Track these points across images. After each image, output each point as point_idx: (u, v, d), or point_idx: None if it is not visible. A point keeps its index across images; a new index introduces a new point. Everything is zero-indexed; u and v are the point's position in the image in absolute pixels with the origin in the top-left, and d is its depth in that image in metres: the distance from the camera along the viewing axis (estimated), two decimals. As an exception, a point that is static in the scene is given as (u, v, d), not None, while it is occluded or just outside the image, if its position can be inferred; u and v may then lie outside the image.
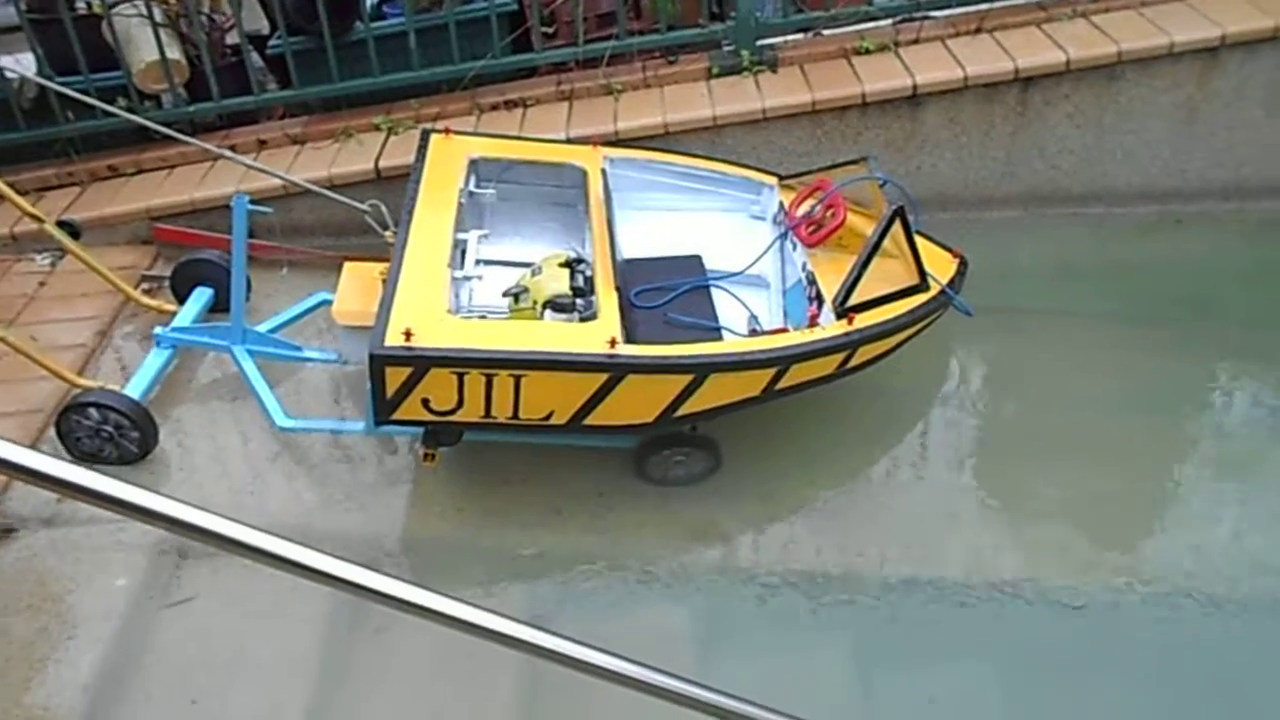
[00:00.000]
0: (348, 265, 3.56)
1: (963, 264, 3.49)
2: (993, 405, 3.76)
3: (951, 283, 3.37)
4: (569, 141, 4.16)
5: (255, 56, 4.61)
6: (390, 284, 2.93)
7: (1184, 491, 3.44)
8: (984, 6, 4.44)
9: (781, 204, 3.63)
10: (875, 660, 2.96)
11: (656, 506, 3.29)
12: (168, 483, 3.36)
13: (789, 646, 2.98)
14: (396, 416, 2.85)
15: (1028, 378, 3.90)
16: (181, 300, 3.89)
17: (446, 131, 3.73)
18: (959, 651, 2.97)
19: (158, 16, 4.29)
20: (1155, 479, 3.47)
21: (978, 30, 4.42)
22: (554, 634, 1.65)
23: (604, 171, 3.59)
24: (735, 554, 3.21)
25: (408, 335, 2.71)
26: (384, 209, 3.57)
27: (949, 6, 4.47)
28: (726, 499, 3.31)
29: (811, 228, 3.38)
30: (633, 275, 3.36)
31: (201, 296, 3.88)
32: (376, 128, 4.50)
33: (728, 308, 3.42)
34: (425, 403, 2.82)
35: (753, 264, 3.55)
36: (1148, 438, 3.61)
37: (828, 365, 3.06)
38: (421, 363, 2.72)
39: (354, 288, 3.45)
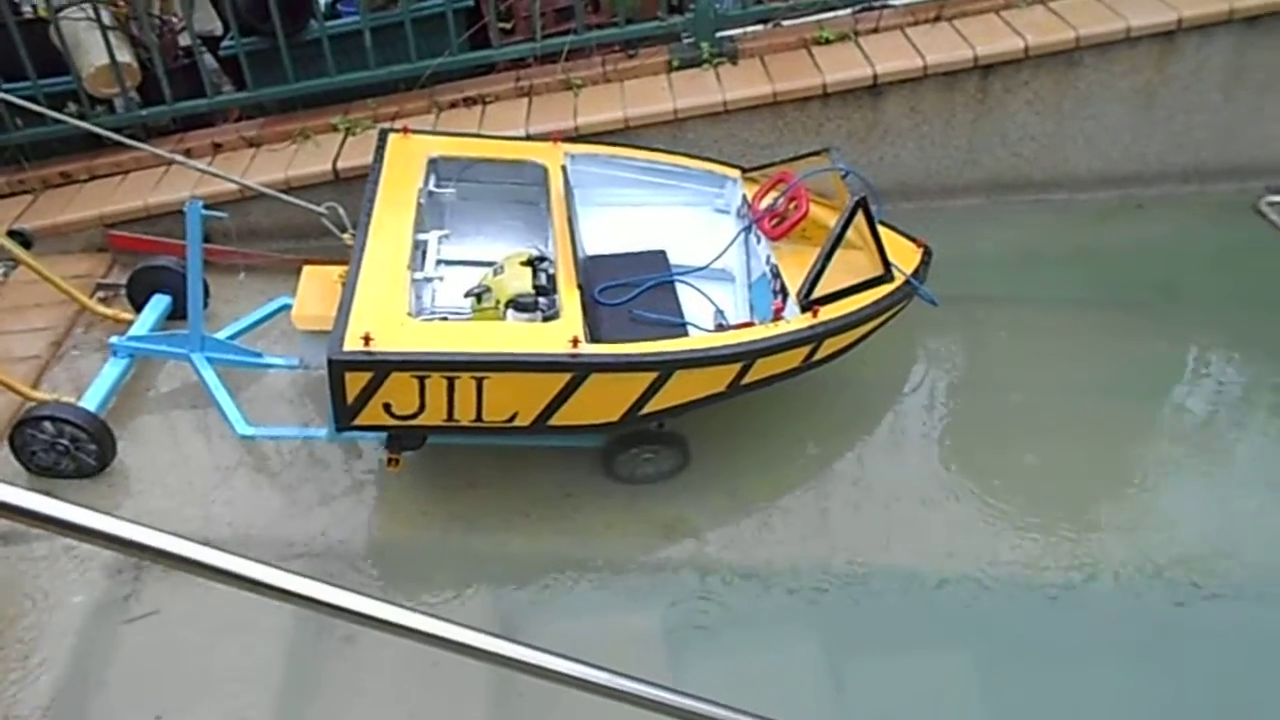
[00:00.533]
0: (307, 269, 3.51)
1: (927, 253, 3.49)
2: (961, 393, 3.77)
3: (916, 273, 3.37)
4: (529, 138, 4.12)
5: (209, 58, 4.54)
6: (349, 287, 2.88)
7: (1155, 473, 3.45)
8: (943, -6, 4.44)
9: (745, 197, 3.62)
10: (849, 652, 2.94)
11: (625, 505, 3.27)
12: (127, 495, 3.30)
13: (762, 642, 2.97)
14: (358, 422, 2.81)
15: (995, 365, 3.91)
16: (138, 308, 3.82)
17: (405, 131, 3.68)
18: (933, 640, 2.96)
19: (106, 19, 4.21)
20: (1125, 462, 3.48)
21: (937, 18, 4.42)
22: (521, 644, 1.63)
23: (564, 168, 3.55)
24: (705, 551, 3.18)
25: (366, 340, 2.67)
26: (341, 211, 3.52)
27: (908, -5, 4.47)
28: (695, 495, 3.30)
29: (775, 220, 3.36)
30: (596, 272, 3.33)
31: (159, 304, 3.80)
32: (334, 128, 4.44)
33: (693, 303, 3.40)
34: (387, 407, 2.78)
35: (717, 258, 3.53)
36: (1117, 420, 3.63)
37: (794, 359, 3.05)
38: (381, 367, 2.68)
39: (313, 292, 3.40)
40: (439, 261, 3.36)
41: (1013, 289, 4.27)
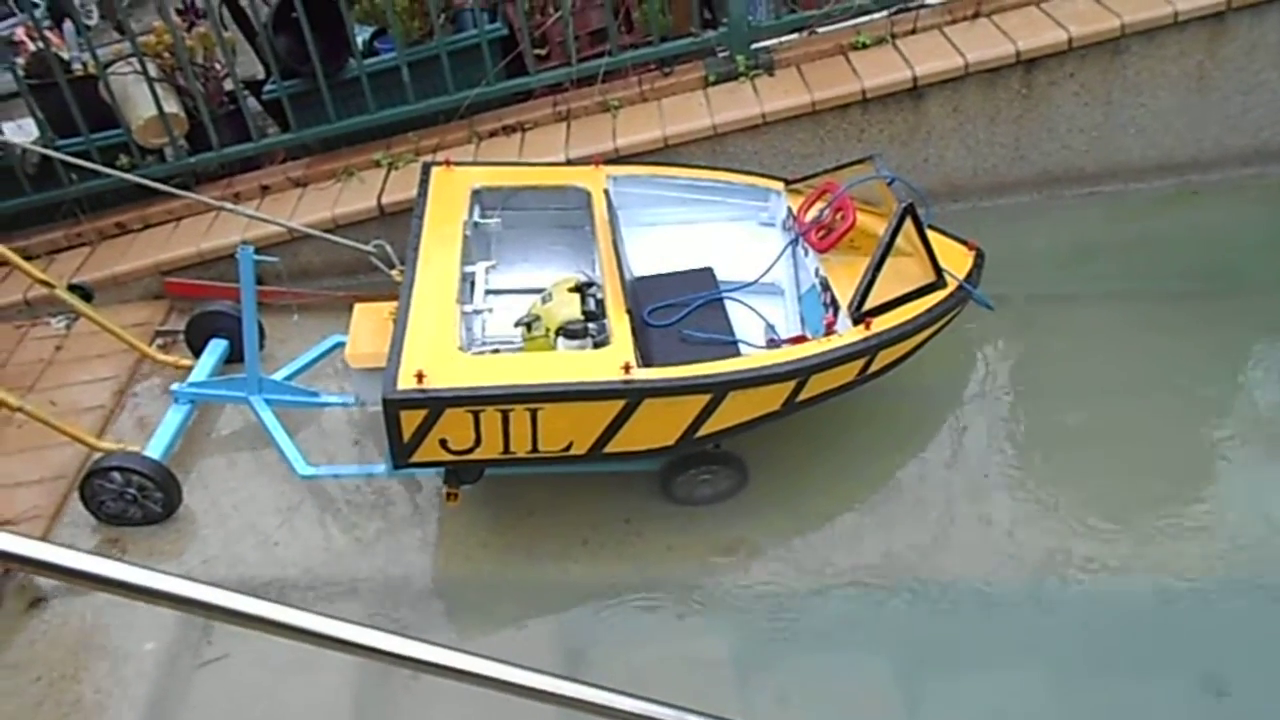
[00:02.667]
0: (358, 307, 3.54)
1: (979, 256, 3.42)
2: (1021, 397, 3.67)
3: (969, 277, 3.30)
4: (569, 163, 4.12)
5: (252, 102, 4.61)
6: (399, 324, 2.91)
7: (1225, 470, 3.33)
8: (980, -10, 4.36)
9: (790, 209, 3.58)
10: (921, 668, 2.88)
11: (684, 528, 3.24)
12: (193, 540, 3.35)
13: (831, 661, 2.92)
14: (415, 459, 2.82)
15: (1054, 366, 3.81)
16: (197, 353, 3.89)
17: (447, 164, 3.70)
18: (1007, 651, 2.90)
19: (153, 72, 4.30)
20: (1194, 460, 3.37)
21: (975, 15, 4.34)
22: (584, 683, 1.61)
23: (607, 191, 3.54)
24: (768, 570, 3.14)
25: (420, 377, 2.68)
26: (388, 247, 3.55)
27: (944, -7, 4.40)
28: (755, 515, 3.26)
29: (821, 232, 3.32)
30: (644, 293, 3.31)
31: (217, 348, 3.87)
32: (377, 164, 4.49)
33: (743, 319, 3.36)
34: (443, 443, 2.79)
35: (765, 273, 3.49)
36: (1183, 416, 3.51)
37: (848, 373, 3.00)
38: (436, 404, 2.69)
39: (366, 329, 3.42)
40: (487, 292, 3.37)
41: (1068, 285, 4.18)
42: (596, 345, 2.98)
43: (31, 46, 4.47)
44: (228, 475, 3.63)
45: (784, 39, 4.53)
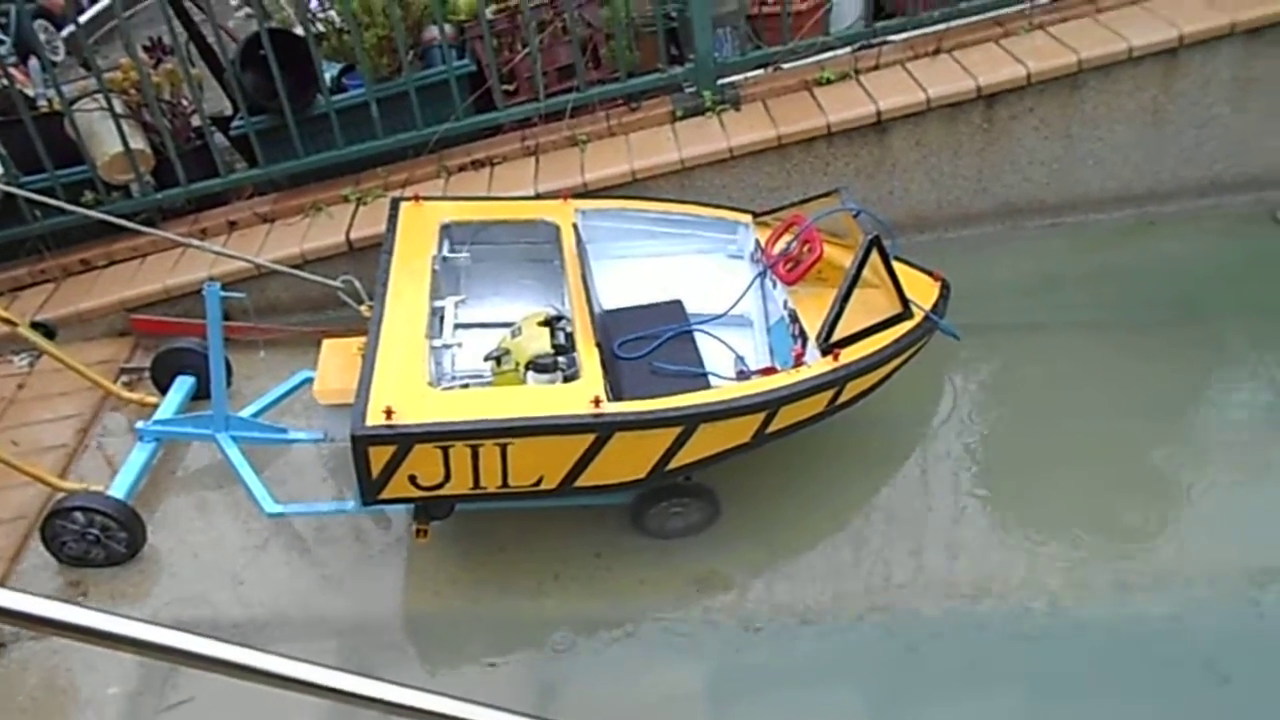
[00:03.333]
0: (326, 342, 3.52)
1: (945, 287, 3.47)
2: (989, 424, 3.71)
3: (935, 307, 3.34)
4: (538, 196, 4.14)
5: (219, 138, 4.60)
6: (368, 360, 2.89)
7: (1193, 492, 3.36)
8: (941, 27, 4.45)
9: (758, 241, 3.61)
10: (896, 697, 2.88)
11: (656, 561, 3.23)
12: (157, 581, 3.30)
13: (805, 693, 2.92)
14: (384, 495, 2.80)
15: (1021, 393, 3.86)
16: (163, 390, 3.84)
17: (416, 199, 3.71)
18: (981, 679, 2.89)
19: (118, 108, 4.29)
20: (1161, 483, 3.40)
21: (936, 51, 4.43)
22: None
23: (575, 225, 3.56)
24: (741, 602, 3.14)
25: (389, 413, 2.67)
26: (357, 283, 3.54)
27: (905, 30, 4.48)
28: (727, 547, 3.25)
29: (789, 264, 3.35)
30: (614, 327, 3.32)
31: (183, 385, 3.82)
32: (345, 199, 4.48)
33: (713, 351, 3.38)
34: (412, 479, 2.77)
35: (734, 305, 3.52)
36: (1148, 441, 3.55)
37: (818, 404, 3.02)
38: (404, 440, 2.67)
39: (334, 365, 3.40)
40: (457, 326, 3.36)
41: (1033, 314, 4.24)
42: (566, 379, 2.98)
43: (-5, 83, 4.44)
44: (193, 514, 3.58)
45: (750, 75, 4.59)
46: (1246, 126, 4.33)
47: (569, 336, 3.09)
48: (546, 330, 3.11)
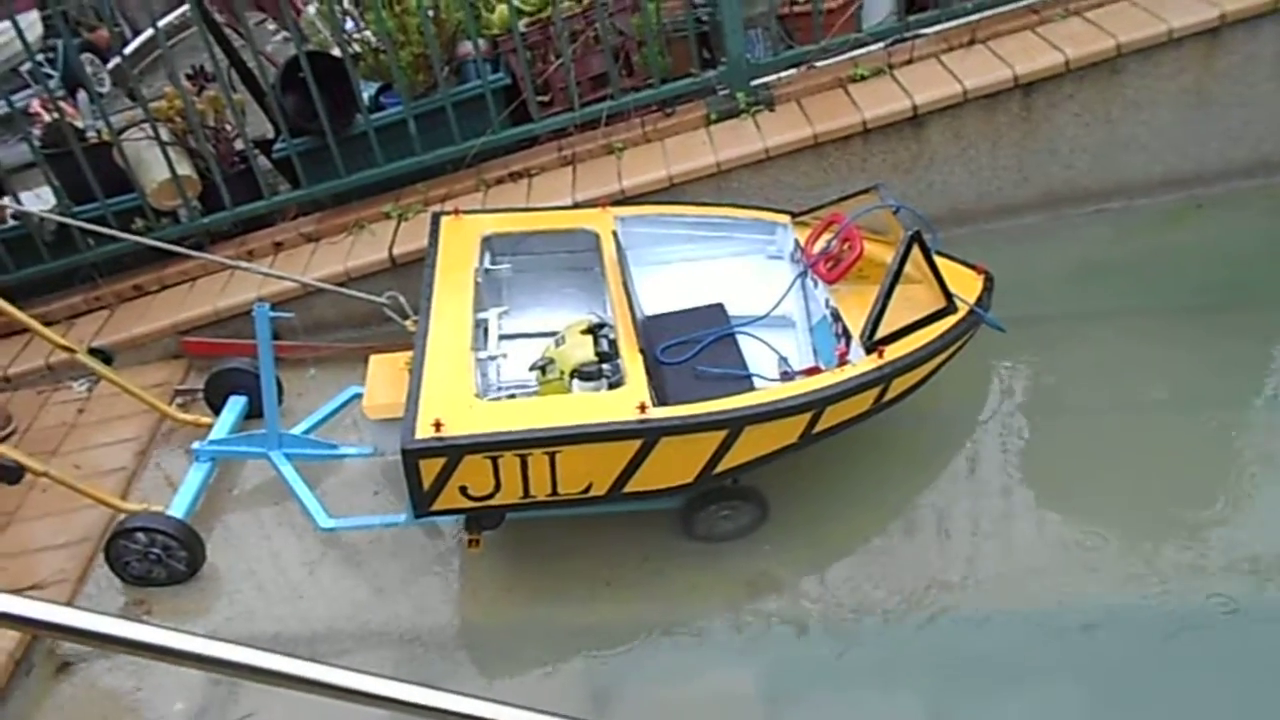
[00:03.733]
0: (374, 358, 3.57)
1: (988, 280, 3.43)
2: (1037, 417, 3.66)
3: (979, 300, 3.31)
4: (576, 205, 4.17)
5: (263, 161, 4.69)
6: (415, 374, 2.94)
7: (1248, 483, 3.30)
8: (975, 18, 4.41)
9: (797, 241, 3.61)
10: (953, 694, 2.85)
11: (706, 564, 3.24)
12: (218, 597, 3.37)
13: (862, 695, 2.90)
14: (436, 507, 2.84)
15: (1069, 385, 3.80)
16: (216, 411, 3.93)
17: (456, 213, 3.76)
18: (1038, 674, 2.85)
19: (165, 136, 4.39)
20: (1216, 474, 3.33)
21: (971, 42, 4.39)
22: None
23: (615, 232, 3.58)
24: (792, 603, 3.13)
25: (438, 426, 2.70)
26: (401, 299, 3.58)
27: (939, 22, 4.45)
28: (777, 548, 3.25)
29: (830, 263, 3.34)
30: (656, 332, 3.34)
31: (236, 405, 3.91)
32: (387, 216, 4.55)
33: (756, 353, 3.38)
34: (463, 490, 2.80)
35: (775, 306, 3.51)
36: (1200, 431, 3.48)
37: (863, 402, 3.01)
38: (454, 452, 2.71)
39: (382, 380, 3.46)
40: (501, 337, 3.40)
41: (1078, 304, 4.17)
42: (611, 386, 3.00)
43: (47, 117, 4.57)
44: (250, 531, 3.65)
45: (783, 74, 4.58)
46: (1293, 103, 4.24)
47: (612, 344, 3.11)
48: (590, 338, 3.13)
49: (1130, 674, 2.79)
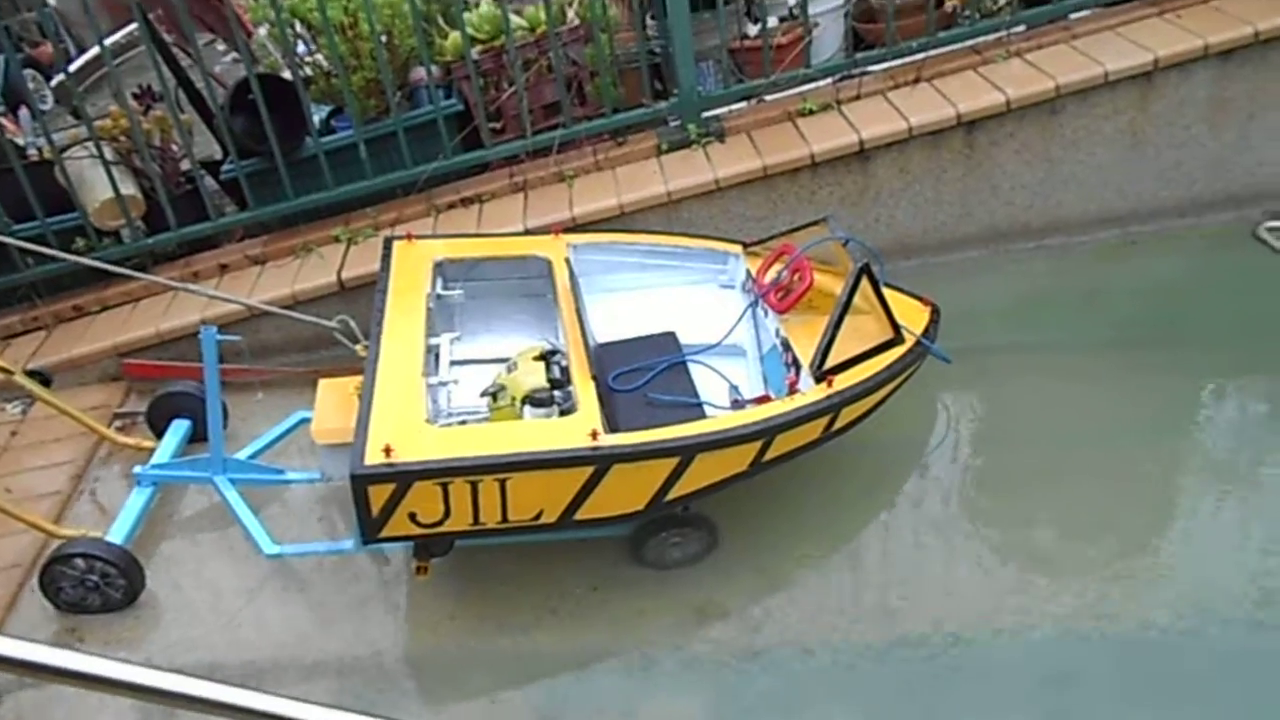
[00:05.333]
0: (323, 382, 3.53)
1: (935, 312, 3.51)
2: (980, 447, 3.75)
3: (926, 332, 3.38)
4: (528, 232, 4.19)
5: (210, 182, 4.64)
6: (365, 399, 2.91)
7: (1185, 511, 3.40)
8: (920, 57, 4.53)
9: (749, 271, 3.65)
10: (896, 723, 2.88)
11: (654, 591, 3.23)
12: (155, 626, 3.28)
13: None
14: (384, 534, 2.81)
15: (1011, 415, 3.89)
16: (159, 434, 3.85)
17: (409, 237, 3.74)
18: (986, 706, 2.89)
19: (109, 154, 4.32)
20: (1154, 502, 3.42)
21: (916, 80, 4.51)
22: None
23: (568, 260, 3.60)
24: (739, 631, 3.13)
25: (387, 451, 2.68)
26: (352, 323, 3.56)
27: (885, 60, 4.56)
28: (724, 576, 3.26)
29: (780, 293, 3.39)
30: (609, 359, 3.35)
31: (179, 429, 3.83)
32: (336, 239, 4.51)
33: (707, 381, 3.41)
34: (412, 517, 2.78)
35: (726, 335, 3.55)
36: (1138, 461, 3.57)
37: (813, 431, 3.05)
38: (404, 478, 2.69)
39: (331, 405, 3.41)
40: (453, 363, 3.38)
41: (1020, 336, 4.28)
42: (563, 413, 3.00)
43: (-14, 133, 4.47)
44: (190, 557, 3.58)
45: (733, 107, 4.66)
46: (1223, 146, 4.40)
47: (564, 370, 3.12)
48: (542, 365, 3.13)
49: (1083, 705, 2.83)
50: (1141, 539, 3.27)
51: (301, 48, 4.86)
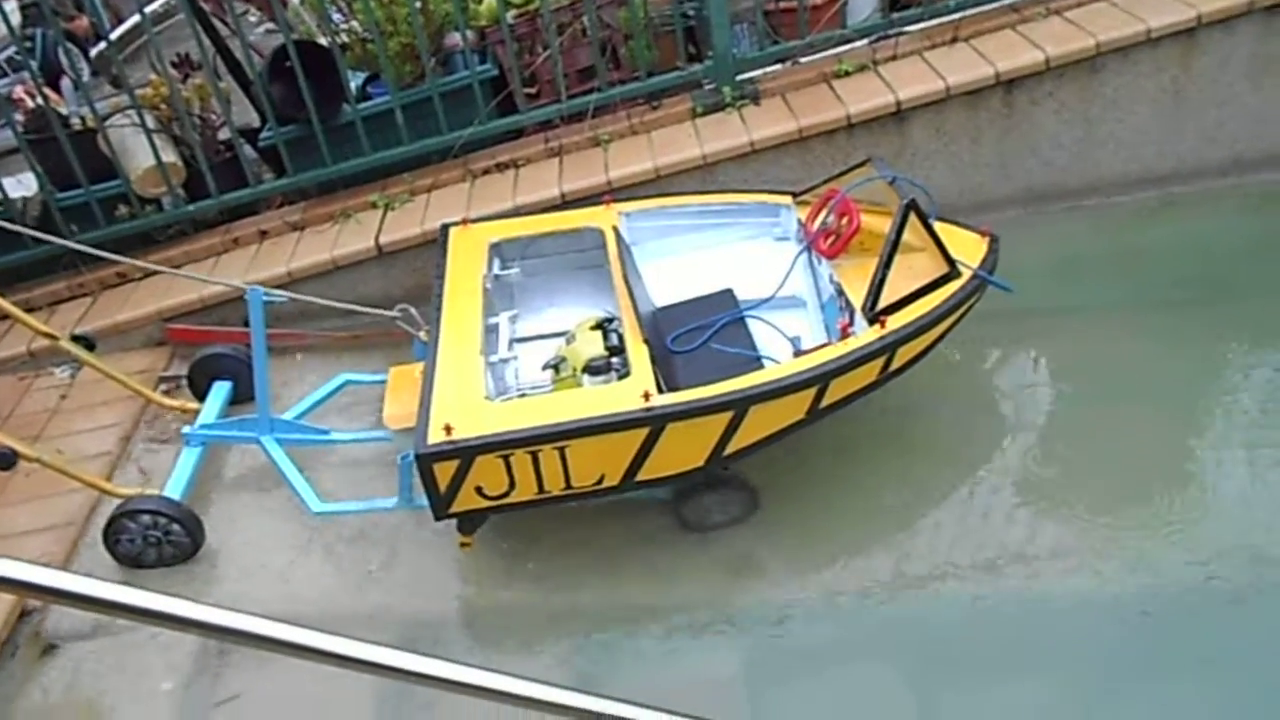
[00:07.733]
0: (392, 370, 3.60)
1: (993, 242, 3.39)
2: (1020, 409, 3.73)
3: (984, 263, 3.28)
4: (564, 197, 4.21)
5: (248, 149, 4.67)
6: (426, 383, 2.98)
7: (1223, 470, 3.38)
8: (957, 16, 4.49)
9: (800, 221, 3.64)
10: (934, 682, 2.88)
11: (692, 551, 3.26)
12: (209, 581, 3.35)
13: (845, 678, 2.94)
14: (454, 509, 2.88)
15: (1051, 378, 3.88)
16: (200, 397, 3.91)
17: (464, 222, 3.79)
18: (1020, 662, 2.90)
19: (150, 123, 4.36)
20: (1190, 467, 3.40)
21: (954, 40, 4.47)
22: (595, 695, 1.65)
23: (616, 229, 3.60)
24: (778, 589, 3.14)
25: (448, 430, 2.74)
26: (413, 310, 3.53)
27: (922, 20, 4.52)
28: (765, 535, 3.27)
29: (829, 239, 3.38)
30: (667, 322, 3.37)
31: (221, 391, 3.88)
32: (373, 205, 4.54)
33: (768, 335, 3.39)
34: (479, 490, 2.84)
35: (780, 287, 3.52)
36: (1178, 424, 3.55)
37: (869, 374, 3.03)
38: (466, 453, 2.75)
39: (400, 391, 3.47)
40: (515, 340, 3.43)
41: (1059, 298, 4.24)
42: (621, 378, 3.02)
43: (30, 103, 4.53)
44: (239, 516, 3.64)
45: (768, 69, 4.64)
46: (1267, 104, 4.34)
47: (621, 337, 3.14)
48: (599, 333, 3.18)
49: (1115, 662, 2.84)
50: (1172, 503, 3.24)
51: (336, 15, 4.88)
